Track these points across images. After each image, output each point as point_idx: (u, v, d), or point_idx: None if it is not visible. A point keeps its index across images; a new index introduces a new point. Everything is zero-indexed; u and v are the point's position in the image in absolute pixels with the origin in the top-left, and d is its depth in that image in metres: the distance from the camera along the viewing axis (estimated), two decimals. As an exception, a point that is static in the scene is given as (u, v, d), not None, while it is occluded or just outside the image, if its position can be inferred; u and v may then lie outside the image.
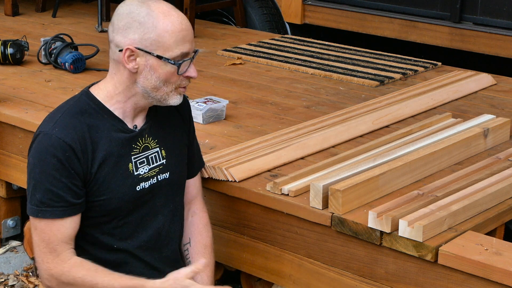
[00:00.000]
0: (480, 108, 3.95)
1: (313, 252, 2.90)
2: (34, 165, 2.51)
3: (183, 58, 2.52)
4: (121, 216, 2.61)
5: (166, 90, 2.54)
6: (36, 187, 2.50)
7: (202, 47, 5.07)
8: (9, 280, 3.87)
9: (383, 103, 3.88)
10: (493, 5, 4.95)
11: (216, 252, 3.13)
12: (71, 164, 2.48)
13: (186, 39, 2.51)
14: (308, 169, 3.08)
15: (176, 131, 2.74)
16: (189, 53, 2.53)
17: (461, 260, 2.53)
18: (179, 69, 2.52)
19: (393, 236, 2.65)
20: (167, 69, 2.51)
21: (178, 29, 2.49)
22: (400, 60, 4.76)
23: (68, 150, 2.48)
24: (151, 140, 2.64)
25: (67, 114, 2.54)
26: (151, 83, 2.53)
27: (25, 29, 5.38)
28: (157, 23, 2.48)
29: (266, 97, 4.11)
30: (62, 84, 4.23)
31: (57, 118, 2.53)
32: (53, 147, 2.48)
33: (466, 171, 3.07)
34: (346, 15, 5.49)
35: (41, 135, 2.51)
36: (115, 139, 2.56)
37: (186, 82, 2.57)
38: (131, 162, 2.59)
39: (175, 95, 2.57)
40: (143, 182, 2.62)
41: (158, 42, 2.49)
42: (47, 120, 2.56)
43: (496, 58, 4.96)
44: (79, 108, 2.55)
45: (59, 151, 2.47)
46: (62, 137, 2.48)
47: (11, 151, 3.80)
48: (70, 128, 2.51)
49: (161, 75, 2.52)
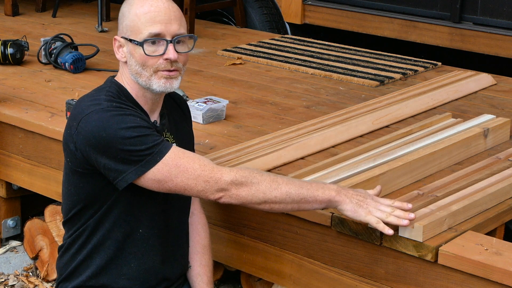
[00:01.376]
0: (480, 108, 3.95)
1: (313, 252, 2.90)
2: (114, 134, 2.40)
3: (153, 39, 2.49)
4: (145, 206, 2.56)
5: (146, 74, 2.52)
6: (134, 143, 2.40)
7: (202, 47, 5.07)
8: (9, 280, 3.87)
9: (383, 103, 3.88)
10: (493, 5, 4.95)
11: (216, 252, 3.13)
12: (140, 114, 2.49)
13: (156, 19, 2.49)
14: (308, 169, 3.08)
15: (184, 129, 2.76)
16: (160, 33, 2.49)
17: (461, 260, 2.53)
18: (144, 49, 2.49)
19: (393, 236, 2.65)
20: (140, 52, 2.50)
21: (147, 10, 2.49)
22: (400, 60, 4.76)
23: (128, 107, 2.47)
24: (169, 136, 2.65)
25: (110, 94, 2.51)
26: (134, 69, 2.53)
27: (25, 29, 5.38)
28: (131, 9, 2.52)
29: (266, 97, 4.11)
30: (62, 84, 4.23)
31: (101, 97, 2.50)
32: (116, 109, 2.44)
33: (466, 171, 3.07)
34: (346, 15, 5.49)
35: (95, 111, 2.43)
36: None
37: (165, 66, 2.51)
38: None
39: (157, 80, 2.52)
40: None
41: (131, 27, 2.51)
42: (89, 99, 2.50)
43: (496, 58, 4.96)
44: (112, 94, 2.53)
45: (124, 109, 2.45)
46: (117, 104, 2.46)
47: (11, 151, 3.80)
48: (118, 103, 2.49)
49: (137, 59, 2.51)
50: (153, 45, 2.50)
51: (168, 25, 2.50)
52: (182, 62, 2.57)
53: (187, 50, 2.57)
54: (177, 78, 2.56)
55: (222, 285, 3.66)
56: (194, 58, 4.82)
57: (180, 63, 2.55)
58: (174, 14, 2.52)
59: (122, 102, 2.51)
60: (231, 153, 3.25)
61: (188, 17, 5.27)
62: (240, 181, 2.44)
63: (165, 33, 2.50)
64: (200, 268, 2.80)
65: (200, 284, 2.77)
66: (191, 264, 2.80)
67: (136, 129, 2.42)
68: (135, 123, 2.43)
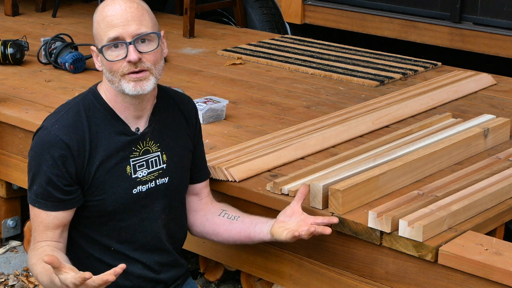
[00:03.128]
0: (480, 108, 3.95)
1: (313, 252, 2.90)
2: (31, 158, 2.54)
3: (113, 43, 2.46)
4: (118, 219, 2.60)
5: (116, 80, 2.49)
6: (33, 179, 2.53)
7: (202, 47, 5.07)
8: (9, 280, 3.87)
9: (383, 103, 3.88)
10: (493, 5, 4.95)
11: (216, 252, 3.14)
12: (65, 163, 2.49)
13: (113, 23, 2.46)
14: (308, 169, 3.08)
15: (180, 135, 2.71)
16: (118, 37, 2.45)
17: (461, 260, 2.53)
18: (105, 55, 2.48)
19: (393, 236, 2.65)
20: (105, 59, 2.50)
21: (103, 16, 2.48)
22: (400, 60, 4.76)
23: (64, 149, 2.49)
24: (152, 144, 2.62)
25: (71, 111, 2.54)
26: (107, 76, 2.53)
27: (25, 29, 5.38)
28: (95, 17, 2.54)
29: (266, 97, 4.11)
30: (62, 84, 4.23)
31: (60, 115, 2.54)
32: (50, 143, 2.49)
33: (466, 171, 3.07)
34: (346, 15, 5.49)
35: (42, 129, 2.54)
36: (115, 141, 2.56)
37: (129, 68, 2.46)
38: (129, 165, 2.58)
39: (126, 84, 2.48)
40: (141, 185, 2.60)
41: (95, 35, 2.53)
42: (51, 115, 2.58)
43: (496, 58, 4.96)
44: (84, 106, 2.55)
45: (55, 149, 2.48)
46: (59, 135, 2.49)
47: (11, 151, 3.80)
48: (70, 126, 2.51)
49: (106, 66, 2.51)
50: (115, 49, 2.47)
51: (125, 27, 2.45)
52: (151, 61, 2.49)
53: (154, 48, 2.49)
54: (148, 80, 2.50)
55: (222, 285, 3.66)
56: (194, 58, 4.82)
57: (147, 62, 2.48)
58: (131, 15, 2.47)
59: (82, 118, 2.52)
60: (231, 153, 3.25)
61: (188, 17, 5.27)
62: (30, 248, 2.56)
63: (124, 36, 2.46)
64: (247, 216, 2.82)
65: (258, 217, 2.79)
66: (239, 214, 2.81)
67: (41, 175, 2.50)
68: (47, 168, 2.49)
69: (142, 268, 2.66)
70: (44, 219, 2.53)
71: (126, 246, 2.63)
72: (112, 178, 2.56)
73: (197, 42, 5.21)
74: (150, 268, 2.67)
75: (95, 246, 2.62)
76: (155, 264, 2.68)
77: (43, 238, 2.54)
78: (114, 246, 2.62)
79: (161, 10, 6.17)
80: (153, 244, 2.67)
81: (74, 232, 2.62)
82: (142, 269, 2.66)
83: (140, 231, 2.64)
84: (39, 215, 2.54)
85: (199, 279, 3.71)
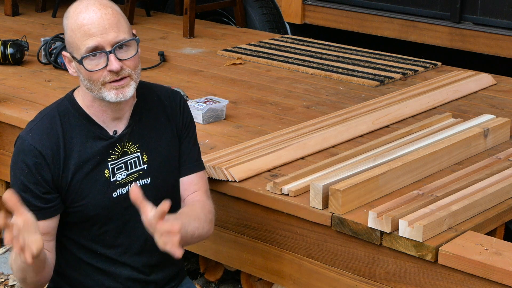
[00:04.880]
0: (480, 108, 3.95)
1: (313, 252, 2.90)
2: (11, 167, 2.53)
3: (92, 53, 2.40)
4: (101, 223, 2.56)
5: (95, 88, 2.44)
6: (13, 188, 2.49)
7: (202, 47, 5.07)
8: (9, 280, 3.87)
9: (383, 103, 3.88)
10: (493, 5, 4.94)
11: (216, 252, 3.14)
12: (40, 171, 2.46)
13: (90, 32, 2.39)
14: (308, 169, 3.08)
15: (163, 133, 2.64)
16: (97, 46, 2.38)
17: (461, 260, 2.53)
18: (85, 66, 2.41)
19: (393, 236, 2.65)
20: (84, 69, 2.43)
21: (79, 25, 2.40)
22: (400, 60, 4.76)
23: (38, 156, 2.46)
24: (131, 145, 2.57)
25: (46, 119, 2.51)
26: (84, 84, 2.48)
27: (25, 29, 5.38)
28: (67, 23, 2.44)
29: (266, 97, 4.11)
30: (62, 84, 4.23)
31: (35, 123, 2.51)
32: (24, 152, 2.47)
33: (466, 171, 3.07)
34: (346, 15, 5.49)
35: (18, 138, 2.52)
36: (91, 146, 2.52)
37: (110, 77, 2.41)
38: (108, 169, 2.53)
39: (107, 92, 2.44)
40: (120, 188, 2.55)
41: (69, 43, 2.45)
42: (28, 123, 2.55)
43: (496, 58, 4.96)
44: (59, 112, 2.52)
45: (29, 157, 2.46)
46: (33, 143, 2.46)
47: (11, 151, 3.78)
48: (44, 134, 2.48)
49: (84, 75, 2.45)
50: (94, 58, 2.41)
51: (104, 35, 2.39)
52: (131, 67, 2.44)
53: (133, 54, 2.44)
54: (129, 86, 2.45)
55: (222, 285, 3.66)
56: (194, 58, 4.82)
57: (128, 68, 2.44)
58: (108, 22, 2.39)
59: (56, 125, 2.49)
60: (231, 153, 3.25)
61: (188, 17, 5.27)
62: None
63: (103, 44, 2.39)
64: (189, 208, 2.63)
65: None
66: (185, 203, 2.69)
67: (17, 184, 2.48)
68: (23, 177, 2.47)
69: (131, 271, 2.62)
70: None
71: (112, 250, 2.59)
72: (90, 183, 2.52)
73: (197, 42, 5.21)
74: (138, 270, 2.64)
75: (82, 251, 2.59)
76: (143, 267, 2.64)
77: None
78: (100, 250, 2.59)
79: (161, 10, 6.17)
80: (139, 247, 2.62)
81: (63, 238, 2.59)
82: (131, 271, 2.62)
83: (125, 234, 2.59)
84: None
85: (199, 279, 3.71)
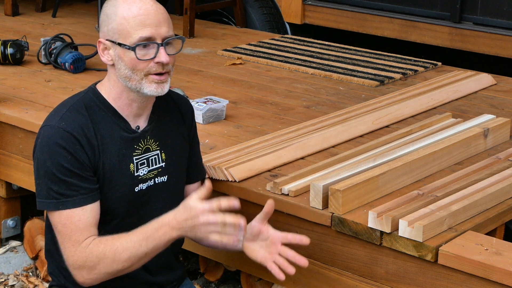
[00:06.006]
0: (480, 108, 3.95)
1: (313, 252, 2.90)
2: (44, 159, 2.48)
3: (145, 43, 2.47)
4: (120, 217, 2.59)
5: (136, 78, 2.50)
6: (52, 180, 2.47)
7: (202, 47, 5.07)
8: (9, 280, 3.87)
9: (383, 103, 3.88)
10: (493, 5, 4.95)
11: (216, 252, 3.13)
12: (80, 155, 2.47)
13: (146, 23, 2.47)
14: (308, 169, 3.08)
15: (177, 135, 2.72)
16: (151, 37, 2.48)
17: (461, 260, 2.53)
18: (136, 54, 2.47)
19: (393, 236, 2.65)
20: (130, 56, 2.48)
21: (135, 14, 2.47)
22: (400, 60, 4.76)
23: (75, 142, 2.47)
24: (152, 143, 2.63)
25: (73, 109, 2.53)
26: (123, 72, 2.51)
27: (25, 29, 5.38)
28: (117, 11, 2.49)
29: (266, 97, 4.11)
30: (62, 84, 4.23)
31: (63, 112, 2.53)
32: (61, 138, 2.47)
33: (466, 171, 3.07)
34: (346, 15, 5.49)
35: (47, 128, 2.51)
36: (119, 138, 2.56)
37: (156, 69, 2.50)
38: (133, 163, 2.59)
39: (148, 84, 2.51)
40: (142, 183, 2.61)
41: (118, 30, 2.49)
42: (52, 114, 2.56)
43: (496, 58, 4.96)
44: (84, 104, 2.55)
45: (67, 143, 2.46)
46: (68, 130, 2.48)
47: (11, 151, 3.80)
48: (75, 122, 2.50)
49: (127, 63, 2.50)
50: (144, 48, 2.48)
51: (158, 28, 2.48)
52: (171, 63, 2.55)
53: (176, 51, 2.56)
54: (167, 82, 2.55)
55: (222, 285, 3.65)
56: (194, 58, 4.82)
57: (170, 65, 2.54)
58: (162, 17, 2.50)
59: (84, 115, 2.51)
60: (231, 153, 3.25)
61: (188, 17, 5.27)
62: (79, 265, 2.47)
63: (156, 36, 2.48)
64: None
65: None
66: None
67: (61, 170, 2.46)
68: (66, 162, 2.45)
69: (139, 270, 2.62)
70: (82, 217, 2.47)
71: None
72: (118, 175, 2.56)
73: (197, 42, 5.21)
74: (146, 270, 2.66)
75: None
76: (151, 266, 2.66)
77: (89, 234, 2.48)
78: None
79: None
80: None
81: None
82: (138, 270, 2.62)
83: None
84: (73, 215, 2.46)
85: (199, 279, 3.71)
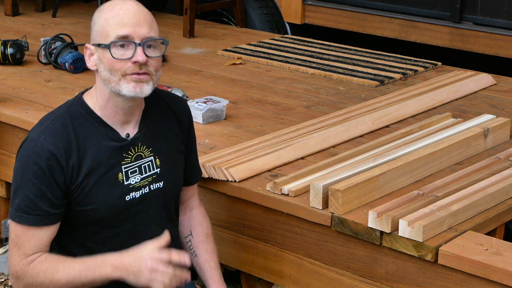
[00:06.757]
0: (480, 108, 3.95)
1: (313, 252, 2.90)
2: (17, 170, 2.49)
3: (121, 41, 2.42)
4: (111, 226, 2.56)
5: (115, 79, 2.44)
6: (17, 192, 2.47)
7: (202, 47, 5.07)
8: (9, 280, 3.87)
9: (383, 103, 3.88)
10: (493, 5, 4.95)
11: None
12: (53, 174, 2.44)
13: (124, 22, 2.42)
14: (308, 169, 3.08)
15: (173, 138, 2.67)
16: (128, 36, 2.41)
17: (461, 260, 2.53)
18: (112, 52, 2.42)
19: (393, 236, 2.65)
20: (108, 56, 2.44)
21: (115, 14, 2.44)
22: (400, 60, 4.77)
23: (51, 159, 2.44)
24: (145, 149, 2.58)
25: (57, 121, 2.50)
26: (103, 75, 2.47)
27: (25, 29, 5.38)
28: (100, 15, 2.48)
29: (266, 97, 4.11)
30: (62, 84, 4.23)
31: (46, 125, 2.49)
32: (37, 154, 2.44)
33: (466, 171, 3.07)
34: (346, 15, 5.49)
35: (28, 140, 2.49)
36: (105, 148, 2.51)
37: (133, 69, 2.42)
38: (121, 172, 2.53)
39: (126, 84, 2.44)
40: (134, 192, 2.56)
41: (100, 32, 2.47)
42: (37, 125, 2.53)
43: (496, 58, 4.96)
44: (70, 115, 2.51)
45: (42, 159, 2.44)
46: (46, 145, 2.44)
47: (11, 151, 3.80)
48: (57, 136, 2.47)
49: (105, 64, 2.45)
50: (121, 48, 2.43)
51: (136, 27, 2.43)
52: (153, 67, 2.46)
53: (158, 54, 2.47)
54: (148, 83, 2.46)
55: (222, 285, 3.65)
56: (194, 58, 4.83)
57: (151, 67, 2.45)
58: (143, 17, 2.45)
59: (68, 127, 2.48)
60: (231, 153, 3.25)
61: (188, 17, 5.27)
62: (18, 277, 2.47)
63: (134, 36, 2.42)
64: (206, 254, 2.77)
65: (208, 269, 2.76)
66: (197, 252, 2.78)
67: (28, 186, 2.45)
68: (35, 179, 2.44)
69: None
70: (35, 234, 2.47)
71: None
72: (104, 186, 2.51)
73: (197, 42, 5.21)
74: None
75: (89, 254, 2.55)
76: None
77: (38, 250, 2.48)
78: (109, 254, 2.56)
79: (161, 10, 6.17)
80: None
81: (70, 242, 2.58)
82: None
83: (134, 236, 2.59)
84: (27, 231, 2.46)
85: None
